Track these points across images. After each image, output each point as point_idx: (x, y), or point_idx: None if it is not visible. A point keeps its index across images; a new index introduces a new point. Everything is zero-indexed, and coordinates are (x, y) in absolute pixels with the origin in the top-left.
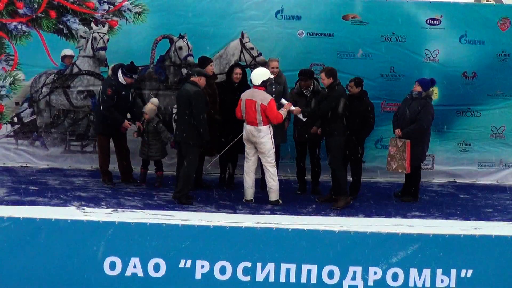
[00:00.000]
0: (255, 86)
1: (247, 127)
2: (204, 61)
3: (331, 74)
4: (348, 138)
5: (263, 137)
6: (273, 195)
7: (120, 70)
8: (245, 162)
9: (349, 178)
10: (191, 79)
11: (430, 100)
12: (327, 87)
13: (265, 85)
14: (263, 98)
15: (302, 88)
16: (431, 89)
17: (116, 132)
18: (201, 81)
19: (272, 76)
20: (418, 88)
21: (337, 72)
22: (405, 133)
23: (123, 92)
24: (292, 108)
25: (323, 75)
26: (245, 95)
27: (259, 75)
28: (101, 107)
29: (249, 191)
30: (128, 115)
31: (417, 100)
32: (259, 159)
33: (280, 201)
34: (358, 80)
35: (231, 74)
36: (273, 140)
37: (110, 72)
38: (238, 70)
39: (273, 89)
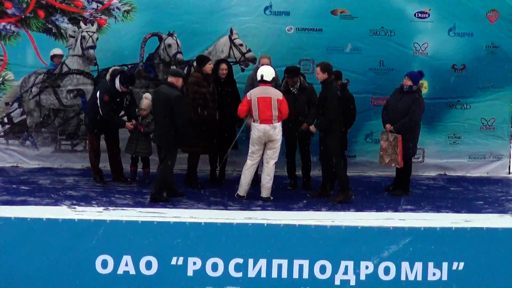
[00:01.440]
0: (264, 83)
1: (261, 127)
2: (202, 60)
3: (327, 69)
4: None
5: (277, 133)
6: (266, 192)
7: (118, 77)
8: (249, 160)
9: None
10: (168, 80)
11: (421, 93)
12: (321, 82)
13: (273, 82)
14: (277, 93)
15: (289, 86)
16: (420, 82)
17: (108, 130)
18: (178, 82)
19: None
20: (408, 82)
21: None
22: (396, 128)
23: (118, 99)
24: None
25: (318, 70)
26: (255, 94)
27: (271, 72)
28: (100, 111)
29: (245, 188)
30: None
31: (408, 94)
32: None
33: (271, 197)
34: (338, 74)
35: (217, 70)
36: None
37: (108, 76)
38: (224, 66)
39: None
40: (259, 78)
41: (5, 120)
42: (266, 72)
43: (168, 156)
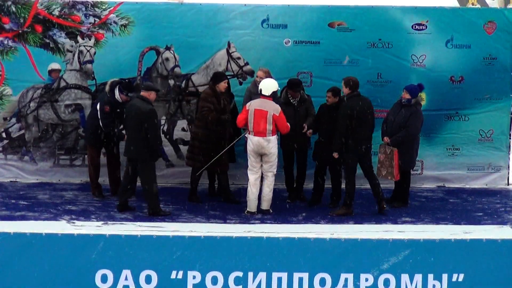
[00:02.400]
0: (264, 96)
1: (255, 139)
2: (218, 77)
3: (347, 84)
4: (329, 147)
5: (272, 147)
6: (266, 204)
7: (117, 87)
8: (250, 174)
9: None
10: (141, 93)
11: (420, 107)
12: (345, 98)
13: (274, 96)
14: (275, 108)
15: (289, 97)
16: (419, 95)
17: (108, 144)
18: (151, 96)
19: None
20: (406, 96)
21: (326, 80)
22: (393, 141)
23: (118, 110)
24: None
25: (342, 83)
26: (254, 105)
27: (271, 86)
28: (101, 123)
29: (254, 203)
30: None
31: (406, 107)
32: None
33: (271, 210)
34: (336, 90)
35: None
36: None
37: (107, 88)
38: None
39: None
40: (259, 91)
41: (3, 135)
42: (265, 86)
43: (144, 171)
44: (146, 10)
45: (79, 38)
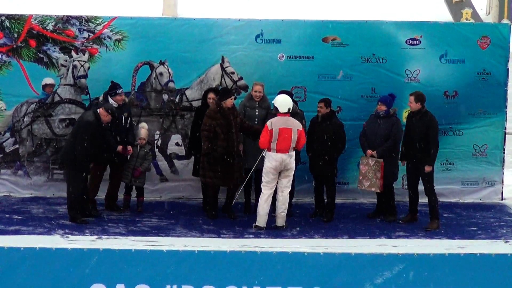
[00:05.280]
0: (282, 114)
1: (278, 156)
2: (225, 93)
3: (420, 99)
4: (321, 159)
5: (293, 162)
6: (281, 220)
7: (108, 94)
8: (265, 190)
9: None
10: (100, 109)
11: (397, 116)
12: (415, 112)
13: (290, 111)
14: (297, 124)
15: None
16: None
17: (114, 159)
18: (106, 118)
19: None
20: (383, 107)
21: (320, 95)
22: (379, 153)
23: (116, 115)
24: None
25: (411, 99)
26: (277, 124)
27: (285, 102)
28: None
29: (264, 218)
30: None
31: (385, 119)
32: None
33: (285, 226)
34: (328, 101)
35: (206, 99)
36: None
37: (101, 98)
38: (211, 95)
39: (256, 113)
40: (274, 109)
41: None
42: (280, 104)
43: (68, 177)
44: (140, 25)
45: (73, 53)
